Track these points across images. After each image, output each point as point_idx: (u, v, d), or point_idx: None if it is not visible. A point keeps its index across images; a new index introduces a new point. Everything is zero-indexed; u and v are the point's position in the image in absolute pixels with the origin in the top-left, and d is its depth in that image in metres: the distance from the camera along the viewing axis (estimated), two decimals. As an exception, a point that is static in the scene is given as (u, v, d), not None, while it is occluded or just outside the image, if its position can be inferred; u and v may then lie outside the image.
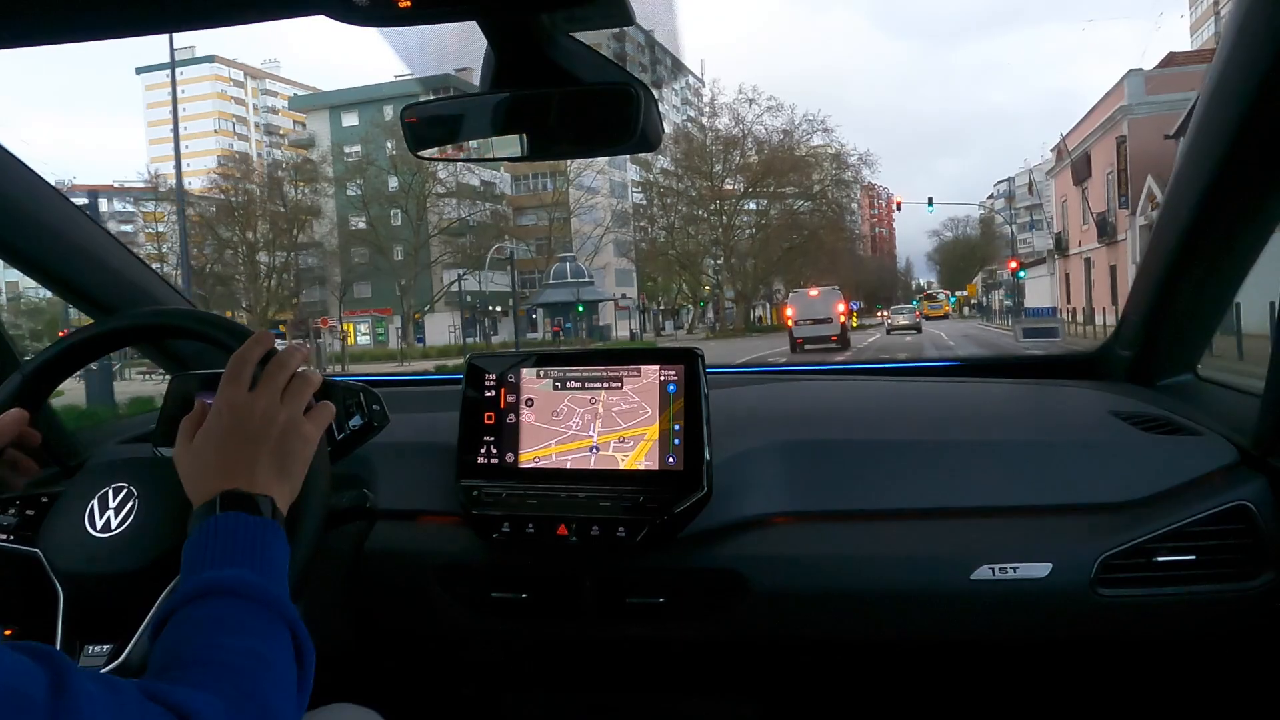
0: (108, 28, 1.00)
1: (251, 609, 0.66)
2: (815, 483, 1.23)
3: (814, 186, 47.35)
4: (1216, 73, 1.08)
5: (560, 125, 0.99)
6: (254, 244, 38.70)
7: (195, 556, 0.71)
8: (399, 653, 1.44)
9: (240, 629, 0.64)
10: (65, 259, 1.41)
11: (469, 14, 0.87)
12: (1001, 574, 1.12)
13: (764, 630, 1.22)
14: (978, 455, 1.24)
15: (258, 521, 0.74)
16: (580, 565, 1.21)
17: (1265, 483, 1.14)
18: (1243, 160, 1.10)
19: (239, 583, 0.67)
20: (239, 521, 0.73)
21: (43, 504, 1.00)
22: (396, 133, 32.75)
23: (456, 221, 41.91)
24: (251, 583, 0.68)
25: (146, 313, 1.10)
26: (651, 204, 47.42)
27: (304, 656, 0.69)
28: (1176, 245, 1.26)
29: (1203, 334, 1.45)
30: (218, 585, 0.67)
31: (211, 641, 0.63)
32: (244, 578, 0.68)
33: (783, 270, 48.25)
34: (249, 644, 0.64)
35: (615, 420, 1.21)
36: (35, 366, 1.02)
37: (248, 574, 0.69)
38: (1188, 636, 1.18)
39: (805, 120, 48.27)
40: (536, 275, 44.80)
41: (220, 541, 0.71)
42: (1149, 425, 1.27)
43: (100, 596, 0.92)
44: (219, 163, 43.85)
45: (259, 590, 0.67)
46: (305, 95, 60.96)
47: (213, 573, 0.68)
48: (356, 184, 40.01)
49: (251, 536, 0.72)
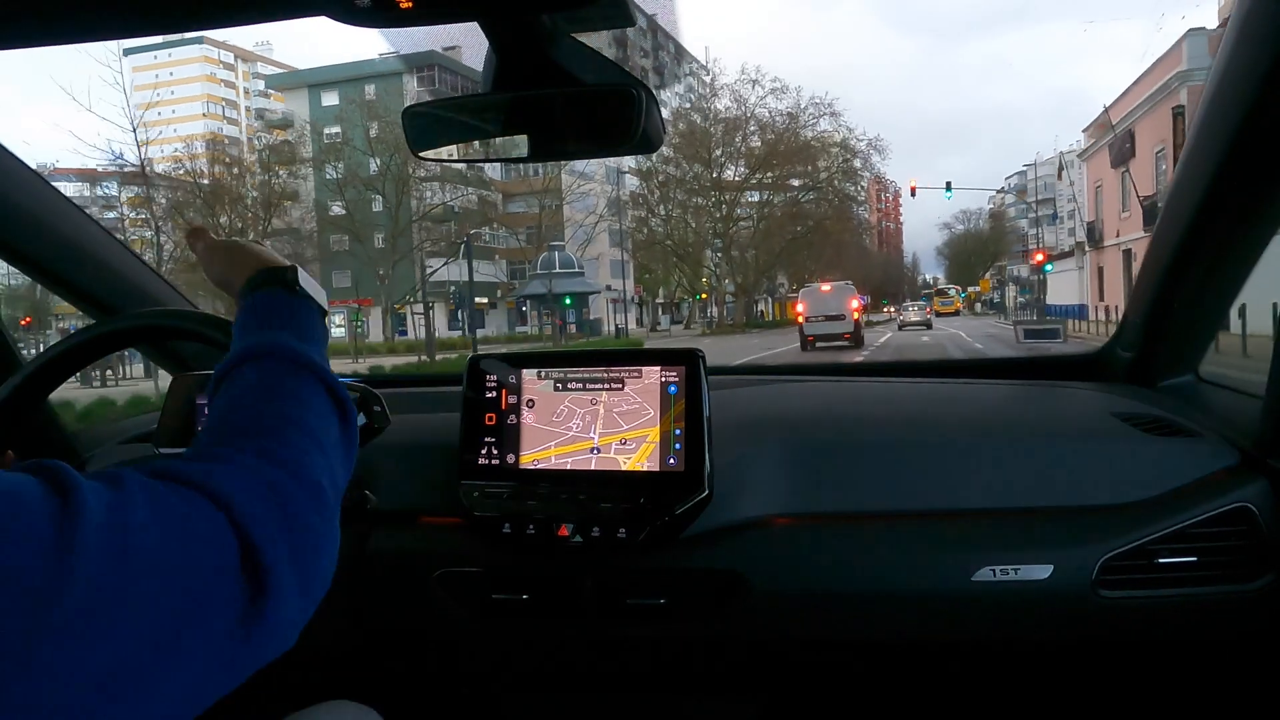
0: (108, 28, 0.99)
1: (289, 370, 0.70)
2: (816, 484, 1.23)
3: (820, 175, 43.74)
4: (1217, 74, 1.07)
5: (561, 126, 0.99)
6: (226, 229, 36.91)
7: (245, 320, 0.78)
8: (399, 653, 1.44)
9: (278, 391, 0.68)
10: (65, 259, 1.41)
11: (470, 15, 0.87)
12: (1002, 575, 1.12)
13: (765, 631, 1.22)
14: (979, 456, 1.23)
15: (288, 297, 0.80)
16: (581, 566, 1.21)
17: (1266, 484, 1.14)
18: (1243, 162, 1.09)
19: (276, 345, 0.72)
20: (276, 297, 0.80)
21: None
22: (377, 112, 28.13)
23: (439, 207, 38.44)
24: (287, 345, 0.72)
25: (152, 313, 1.10)
26: (650, 192, 43.05)
27: (346, 413, 0.71)
28: (1178, 246, 1.26)
29: (1204, 335, 1.45)
30: (258, 348, 0.72)
31: (253, 409, 0.66)
32: (280, 341, 0.73)
33: (785, 263, 46.16)
34: (287, 409, 0.66)
35: (616, 421, 1.21)
36: (37, 366, 1.02)
37: (285, 337, 0.74)
38: (1189, 638, 1.18)
39: (811, 104, 43.82)
40: (526, 266, 41.45)
41: (259, 315, 0.78)
42: (1150, 426, 1.27)
43: None
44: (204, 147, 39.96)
45: (295, 353, 0.72)
46: (283, 74, 55.44)
47: (254, 337, 0.74)
48: (335, 167, 37.00)
49: (286, 307, 0.79)
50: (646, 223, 43.09)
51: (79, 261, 1.43)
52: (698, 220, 42.28)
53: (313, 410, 0.67)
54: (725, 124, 42.32)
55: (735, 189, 41.98)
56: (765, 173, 42.34)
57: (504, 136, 1.03)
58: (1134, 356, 1.50)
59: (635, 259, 46.08)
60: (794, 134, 42.00)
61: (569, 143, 1.06)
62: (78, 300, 1.48)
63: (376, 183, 36.25)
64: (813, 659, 1.35)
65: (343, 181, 36.44)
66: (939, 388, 1.55)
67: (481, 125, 1.04)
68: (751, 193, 43.28)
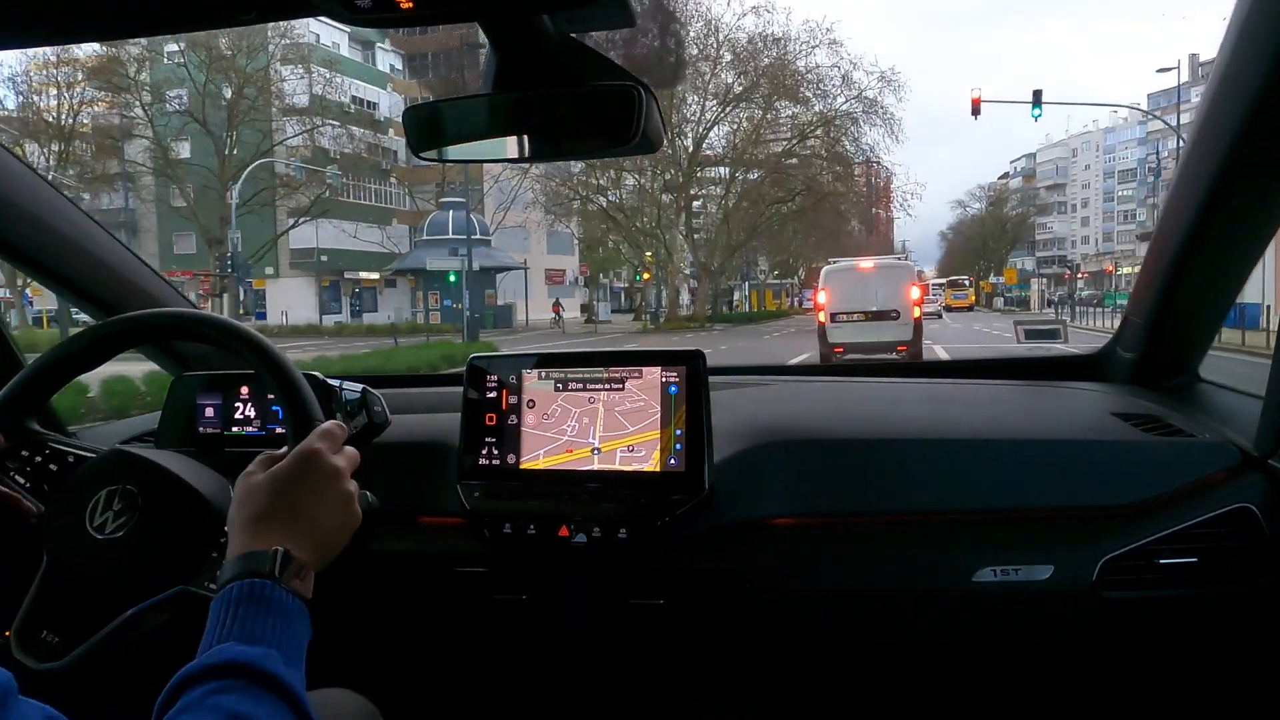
0: (107, 28, 0.99)
1: (273, 706, 0.64)
2: (817, 485, 1.23)
3: (814, 121, 30.91)
4: (1217, 74, 1.07)
5: (561, 126, 0.99)
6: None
7: (230, 614, 0.70)
8: (399, 653, 1.44)
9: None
10: (65, 259, 1.41)
11: (470, 15, 0.87)
12: (1003, 576, 1.12)
13: (765, 632, 1.22)
14: (979, 457, 1.23)
15: (296, 602, 0.73)
16: (582, 567, 1.21)
17: (1267, 485, 1.13)
18: (1245, 163, 1.10)
19: (268, 670, 0.65)
20: (282, 595, 0.72)
21: (69, 463, 1.01)
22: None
23: (307, 149, 28.07)
24: (278, 674, 0.66)
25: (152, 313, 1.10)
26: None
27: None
28: (1179, 247, 1.26)
29: (1205, 335, 1.45)
30: (245, 665, 0.65)
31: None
32: (273, 667, 0.66)
33: (766, 242, 35.26)
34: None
35: (617, 421, 1.21)
36: (38, 367, 1.02)
37: (277, 661, 0.67)
38: (1190, 638, 1.18)
39: (805, 29, 33.37)
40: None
41: (259, 609, 0.70)
42: (1151, 427, 1.27)
43: (74, 589, 0.93)
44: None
45: (284, 684, 0.66)
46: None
47: (243, 649, 0.67)
48: (174, 97, 27.28)
49: (290, 614, 0.71)
50: (586, 181, 30.40)
51: (79, 261, 1.43)
52: (647, 179, 30.48)
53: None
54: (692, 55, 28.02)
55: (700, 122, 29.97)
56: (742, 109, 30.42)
57: (504, 136, 1.04)
58: (1135, 357, 1.50)
59: (581, 229, 36.91)
60: (781, 66, 29.54)
61: (569, 143, 1.06)
62: (78, 300, 1.48)
63: (196, 108, 26.60)
64: (813, 660, 1.35)
65: (151, 115, 26.98)
66: (940, 388, 1.54)
67: (482, 125, 1.04)
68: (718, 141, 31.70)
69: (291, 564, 0.73)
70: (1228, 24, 1.04)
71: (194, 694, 0.63)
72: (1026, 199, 71.14)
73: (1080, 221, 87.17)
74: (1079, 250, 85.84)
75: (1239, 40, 1.02)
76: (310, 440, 0.84)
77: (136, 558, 0.93)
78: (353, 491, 0.84)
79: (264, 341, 1.00)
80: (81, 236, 1.42)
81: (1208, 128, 1.12)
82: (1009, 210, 67.64)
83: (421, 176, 33.78)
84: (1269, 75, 0.98)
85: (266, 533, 0.76)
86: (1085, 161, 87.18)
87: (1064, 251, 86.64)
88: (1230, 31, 1.03)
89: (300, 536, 0.77)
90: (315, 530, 0.79)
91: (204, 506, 0.97)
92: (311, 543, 0.78)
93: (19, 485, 1.01)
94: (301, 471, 0.81)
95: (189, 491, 0.98)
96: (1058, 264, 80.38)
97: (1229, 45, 1.04)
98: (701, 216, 33.80)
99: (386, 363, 12.10)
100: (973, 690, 1.40)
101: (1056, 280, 66.51)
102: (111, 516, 0.94)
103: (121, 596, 0.91)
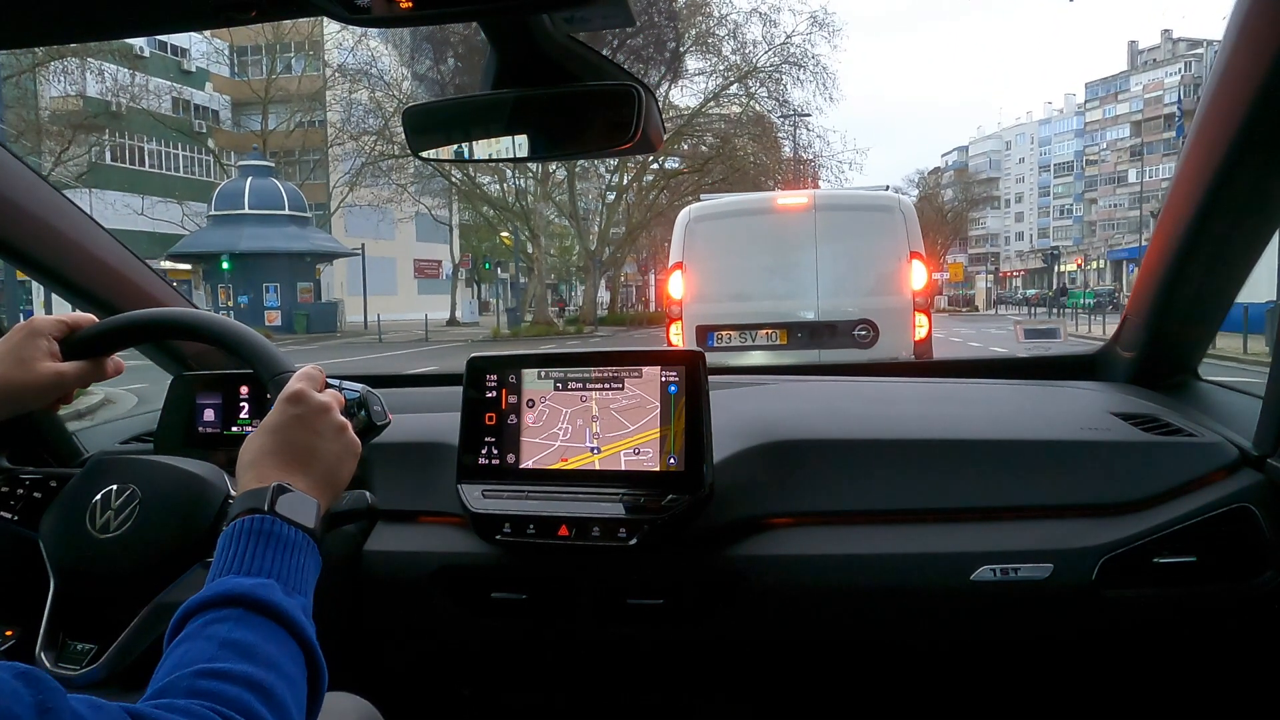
0: (107, 28, 0.99)
1: (269, 630, 0.65)
2: (816, 484, 1.23)
3: (729, 76, 24.91)
4: (1217, 73, 1.07)
5: (561, 126, 0.99)
6: None
7: (231, 550, 0.70)
8: (398, 653, 1.44)
9: (251, 654, 0.62)
10: (65, 259, 1.41)
11: (470, 15, 0.87)
12: (1002, 575, 1.13)
13: (764, 631, 1.22)
14: (979, 456, 1.23)
15: (297, 533, 0.73)
16: (581, 566, 1.21)
17: (1266, 484, 1.14)
18: (1244, 163, 1.10)
19: (264, 599, 0.66)
20: (280, 527, 0.72)
21: (51, 489, 1.02)
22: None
23: (76, 98, 22.47)
24: (275, 601, 0.66)
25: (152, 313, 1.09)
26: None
27: (318, 679, 0.67)
28: (1179, 246, 1.26)
29: (1204, 335, 1.45)
30: (242, 595, 0.65)
31: (219, 668, 0.61)
32: (270, 595, 0.66)
33: (670, 222, 18.39)
34: (256, 673, 0.61)
35: (616, 421, 1.21)
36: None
37: (275, 590, 0.67)
38: (1189, 637, 1.18)
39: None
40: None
41: (258, 542, 0.71)
42: (1150, 426, 1.27)
43: (92, 595, 0.93)
44: None
45: (281, 610, 0.66)
46: None
47: (240, 580, 0.67)
48: None
49: (290, 544, 0.72)
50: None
51: (79, 261, 1.43)
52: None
53: (283, 674, 0.63)
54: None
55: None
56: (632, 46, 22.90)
57: (504, 136, 1.04)
58: (1134, 356, 1.50)
59: (466, 212, 30.65)
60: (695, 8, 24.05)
61: (569, 143, 1.06)
62: (78, 300, 1.48)
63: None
64: (812, 659, 1.35)
65: None
66: (939, 387, 1.55)
67: (481, 125, 1.04)
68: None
69: (287, 495, 0.74)
70: (1228, 24, 1.04)
71: (194, 625, 0.64)
72: (959, 193, 65.78)
73: (1014, 217, 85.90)
74: (1013, 247, 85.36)
75: (1239, 40, 1.02)
76: (292, 384, 0.84)
77: (149, 546, 0.93)
78: (345, 421, 0.85)
79: (215, 315, 1.03)
80: (82, 236, 1.42)
81: (1207, 127, 1.12)
82: (944, 203, 60.94)
83: (248, 143, 27.44)
84: (1269, 75, 0.98)
85: (266, 472, 0.77)
86: (1019, 155, 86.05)
87: (997, 248, 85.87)
88: (1230, 31, 1.03)
89: (300, 473, 0.78)
90: (316, 463, 0.80)
91: (202, 484, 0.98)
92: (314, 476, 0.78)
93: (7, 520, 1.02)
94: (291, 412, 0.81)
95: (183, 474, 0.99)
96: (989, 261, 80.00)
97: (1229, 45, 1.04)
98: (589, 196, 27.63)
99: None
100: (972, 689, 1.40)
101: (994, 278, 65.55)
102: (113, 514, 0.95)
103: (141, 589, 0.92)
